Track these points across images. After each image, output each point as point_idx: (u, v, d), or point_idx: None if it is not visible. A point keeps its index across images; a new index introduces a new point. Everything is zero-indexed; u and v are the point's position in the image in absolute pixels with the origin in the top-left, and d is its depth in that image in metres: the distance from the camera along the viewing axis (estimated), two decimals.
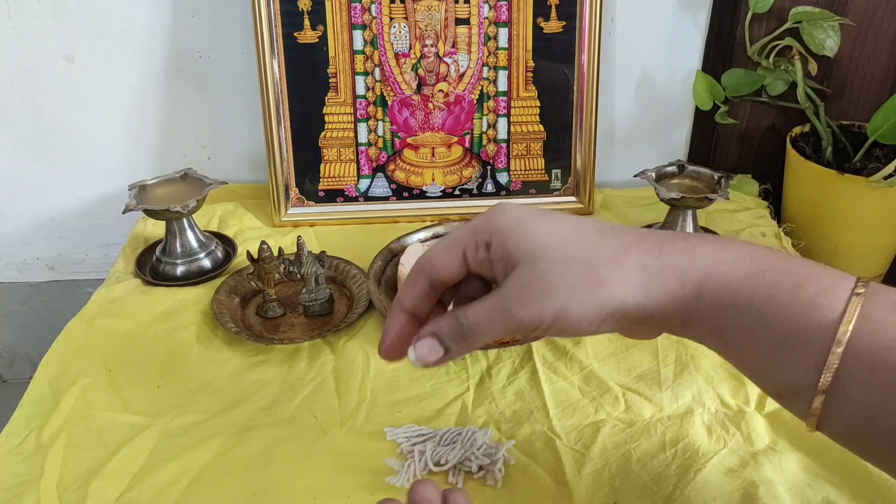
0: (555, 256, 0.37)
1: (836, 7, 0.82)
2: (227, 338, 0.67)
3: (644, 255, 0.37)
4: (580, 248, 0.37)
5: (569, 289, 0.36)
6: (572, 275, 0.37)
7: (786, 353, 0.35)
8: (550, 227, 0.39)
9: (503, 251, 0.38)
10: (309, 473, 0.53)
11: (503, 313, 0.38)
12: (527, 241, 0.38)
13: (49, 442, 0.56)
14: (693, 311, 0.37)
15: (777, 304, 0.35)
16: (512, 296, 0.37)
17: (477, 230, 0.40)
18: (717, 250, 0.37)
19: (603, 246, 0.37)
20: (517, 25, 0.82)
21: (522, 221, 0.39)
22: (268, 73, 0.80)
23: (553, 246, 0.37)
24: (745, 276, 0.36)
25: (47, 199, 0.95)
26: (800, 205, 0.84)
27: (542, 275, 0.37)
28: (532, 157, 0.87)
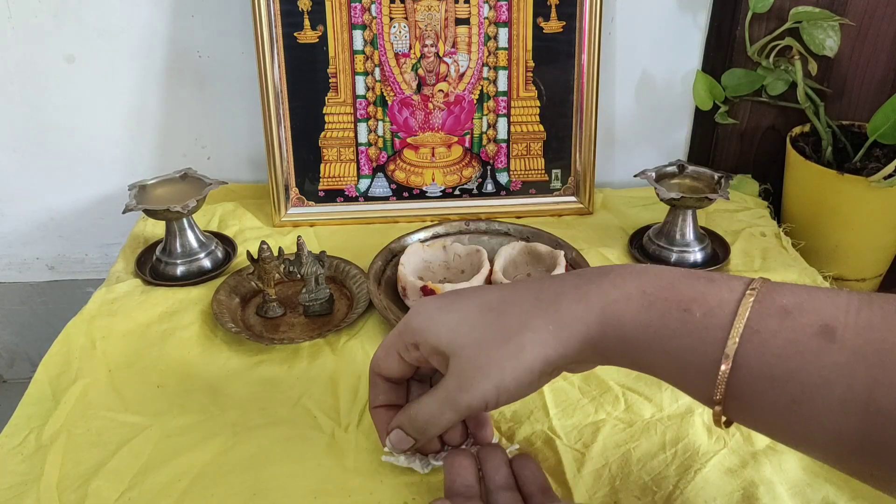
0: (472, 340, 0.42)
1: (836, 7, 0.82)
2: (227, 338, 0.67)
3: (545, 314, 0.41)
4: (490, 326, 0.42)
5: (497, 365, 0.41)
6: (493, 351, 0.41)
7: (689, 374, 0.38)
8: (459, 315, 0.43)
9: (430, 348, 0.43)
10: (309, 473, 0.53)
11: (451, 403, 0.43)
12: (444, 334, 0.43)
13: (49, 442, 0.56)
14: (606, 348, 0.40)
15: (669, 333, 0.38)
16: (454, 386, 0.42)
17: (402, 334, 0.45)
18: (608, 290, 0.40)
19: (509, 318, 0.41)
20: (517, 25, 0.82)
21: (433, 317, 0.44)
22: (268, 73, 0.80)
23: (467, 332, 0.42)
24: (637, 311, 0.39)
25: (47, 198, 0.95)
26: (800, 205, 0.84)
27: (470, 360, 0.41)
28: (532, 157, 0.87)
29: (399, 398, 0.49)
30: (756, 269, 0.76)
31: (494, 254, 0.73)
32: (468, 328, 0.42)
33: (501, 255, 0.72)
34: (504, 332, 0.41)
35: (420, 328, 0.44)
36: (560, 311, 0.40)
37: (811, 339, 0.34)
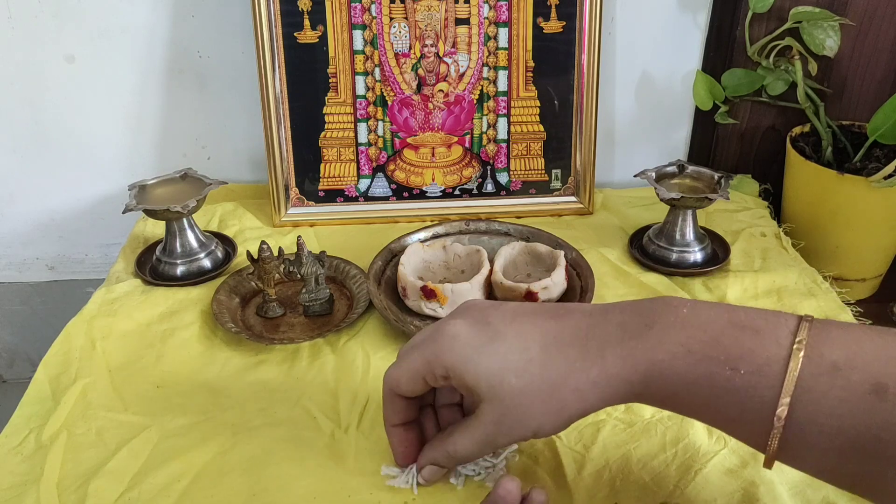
0: (514, 390, 0.42)
1: (836, 7, 0.82)
2: (227, 338, 0.67)
3: (589, 370, 0.41)
4: (535, 378, 0.42)
5: (537, 416, 0.42)
6: (536, 404, 0.42)
7: (736, 425, 0.40)
8: (500, 359, 0.43)
9: (463, 385, 0.44)
10: (309, 473, 0.53)
11: (490, 444, 0.45)
12: (484, 379, 0.43)
13: (49, 442, 0.56)
14: (649, 399, 0.42)
15: (717, 392, 0.38)
16: (493, 431, 0.44)
17: (431, 364, 0.44)
18: (654, 347, 0.40)
19: (552, 371, 0.42)
20: (517, 25, 0.82)
21: (472, 358, 0.43)
22: (268, 73, 0.80)
23: (510, 381, 0.42)
24: (683, 370, 0.39)
25: (47, 198, 0.95)
26: (800, 205, 0.84)
27: (511, 410, 0.42)
28: (532, 157, 0.87)
29: (414, 413, 0.50)
30: (756, 269, 0.76)
31: (494, 254, 0.73)
32: (510, 378, 0.42)
33: (501, 255, 0.72)
34: (547, 387, 0.42)
35: (455, 367, 0.43)
36: (605, 369, 0.41)
37: (863, 398, 0.35)
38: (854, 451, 0.36)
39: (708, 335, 0.39)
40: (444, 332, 0.44)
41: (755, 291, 0.73)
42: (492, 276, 0.70)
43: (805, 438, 0.37)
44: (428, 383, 0.46)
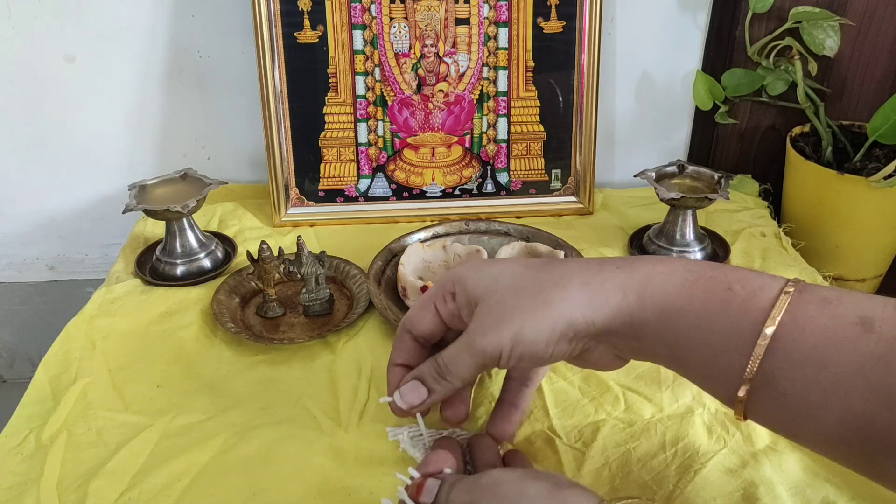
0: (507, 287, 0.42)
1: (836, 7, 0.82)
2: (227, 338, 0.67)
3: (584, 274, 0.41)
4: (529, 278, 0.42)
5: (520, 313, 0.41)
6: (523, 300, 0.41)
7: (726, 356, 0.38)
8: (502, 266, 0.44)
9: (465, 296, 0.44)
10: (309, 473, 0.53)
11: (469, 346, 0.42)
12: (483, 280, 0.43)
13: (49, 442, 0.56)
14: (640, 322, 0.39)
15: (714, 309, 0.38)
16: (474, 329, 0.42)
17: (443, 283, 0.45)
18: (654, 263, 0.40)
19: (549, 273, 0.42)
20: (517, 25, 0.82)
21: (478, 266, 0.44)
22: (268, 73, 0.80)
23: (505, 280, 0.42)
24: (681, 284, 0.39)
25: (47, 198, 0.95)
26: (800, 205, 0.84)
27: (497, 304, 0.42)
28: (532, 157, 0.87)
29: (419, 358, 0.48)
30: (756, 269, 0.76)
31: (494, 254, 0.73)
32: (505, 278, 0.42)
33: (501, 255, 0.72)
34: (537, 286, 0.41)
35: (461, 276, 0.44)
36: (601, 276, 0.40)
37: (849, 328, 0.35)
38: (837, 388, 0.35)
39: (708, 265, 0.40)
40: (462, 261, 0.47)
41: None
42: None
43: (788, 371, 0.36)
44: (438, 313, 0.46)
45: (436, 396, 0.46)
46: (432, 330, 0.47)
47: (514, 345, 0.41)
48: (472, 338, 0.42)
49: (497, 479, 0.39)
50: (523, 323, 0.40)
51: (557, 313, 0.40)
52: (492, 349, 0.41)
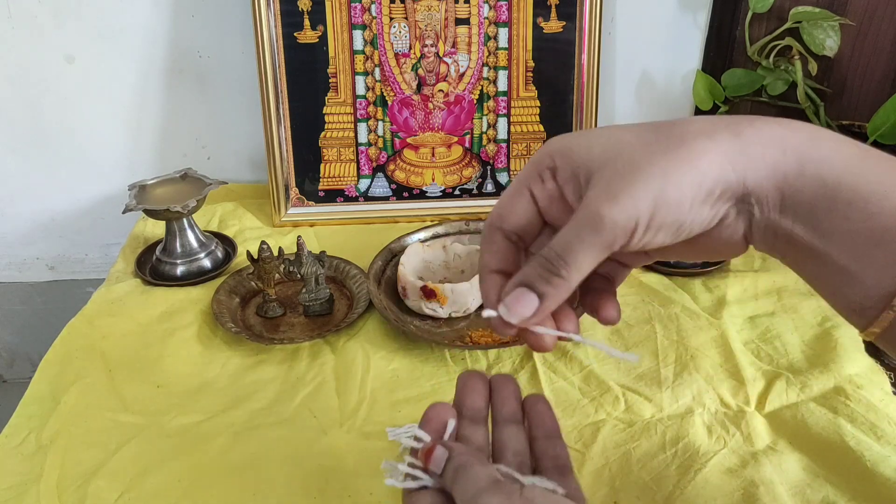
0: (633, 144, 0.32)
1: (836, 7, 0.82)
2: (227, 338, 0.67)
3: (736, 125, 0.32)
4: (661, 132, 0.33)
5: (660, 168, 0.31)
6: (658, 155, 0.32)
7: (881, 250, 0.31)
8: (618, 127, 0.34)
9: (572, 169, 0.34)
10: (309, 473, 0.53)
11: (593, 221, 0.32)
12: (597, 144, 0.34)
13: (49, 442, 0.56)
14: (793, 189, 0.32)
15: (882, 192, 0.31)
16: (597, 198, 0.32)
17: (537, 160, 0.36)
18: (817, 129, 0.33)
19: (686, 125, 0.33)
20: (517, 25, 0.82)
21: (584, 134, 0.35)
22: (268, 73, 0.80)
23: (628, 138, 0.33)
24: (850, 156, 0.32)
25: (47, 198, 0.95)
26: None
27: (625, 164, 0.32)
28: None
29: (515, 260, 0.38)
30: (756, 268, 0.76)
31: None
32: (628, 136, 0.33)
33: None
34: (675, 137, 0.32)
35: (564, 146, 0.35)
36: (755, 126, 0.32)
37: None
38: None
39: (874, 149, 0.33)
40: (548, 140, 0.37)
41: (755, 291, 0.73)
42: None
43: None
44: (533, 199, 0.36)
45: (550, 302, 0.34)
46: (528, 221, 0.36)
47: (654, 210, 0.31)
48: (597, 207, 0.32)
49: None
50: (666, 179, 0.31)
51: (706, 165, 0.31)
52: (625, 219, 0.31)
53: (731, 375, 0.61)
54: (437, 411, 0.40)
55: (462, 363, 0.63)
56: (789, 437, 0.55)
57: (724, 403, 0.59)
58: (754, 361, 0.63)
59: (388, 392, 0.61)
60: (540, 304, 0.34)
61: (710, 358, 0.63)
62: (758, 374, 0.61)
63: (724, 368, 0.62)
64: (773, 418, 0.57)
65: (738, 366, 0.62)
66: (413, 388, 0.61)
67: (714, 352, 0.64)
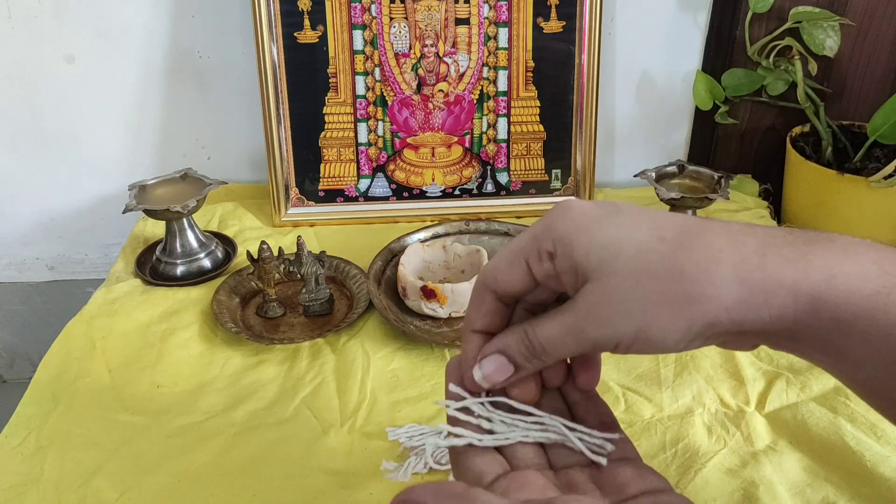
0: (629, 268, 0.32)
1: (836, 7, 0.82)
2: (227, 338, 0.67)
3: (741, 266, 0.31)
4: (660, 259, 0.31)
5: (648, 307, 0.31)
6: (651, 291, 0.31)
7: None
8: (622, 231, 0.33)
9: (570, 263, 0.33)
10: (309, 473, 0.53)
11: (577, 333, 0.33)
12: (596, 251, 0.33)
13: (49, 442, 0.56)
14: (805, 328, 0.31)
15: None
16: (585, 315, 0.33)
17: (538, 238, 0.35)
18: (838, 259, 0.31)
19: (688, 254, 0.31)
20: (517, 25, 0.82)
21: (589, 227, 0.33)
22: (268, 74, 0.80)
23: (628, 255, 0.32)
24: (872, 293, 0.30)
25: (47, 198, 0.95)
26: (800, 205, 0.84)
27: (616, 291, 0.32)
28: (532, 157, 0.87)
29: (501, 323, 0.38)
30: None
31: (494, 254, 0.73)
32: (629, 253, 0.32)
33: None
34: (673, 273, 0.31)
35: (566, 236, 0.34)
36: (764, 271, 0.30)
37: None
38: None
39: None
40: (560, 205, 0.35)
41: None
42: None
43: None
44: (529, 270, 0.35)
45: (522, 374, 0.36)
46: (521, 289, 0.36)
47: (634, 340, 0.32)
48: (583, 326, 0.33)
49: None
50: (651, 321, 0.31)
51: (697, 312, 0.31)
52: (606, 341, 0.33)
53: (731, 375, 0.61)
54: (458, 364, 0.38)
55: None
56: (789, 437, 0.55)
57: (724, 403, 0.59)
58: (754, 361, 0.63)
59: (388, 392, 0.61)
60: (514, 373, 0.36)
61: (710, 358, 0.63)
62: (758, 373, 0.61)
63: (724, 368, 0.62)
64: (774, 418, 0.57)
65: (738, 366, 0.62)
66: (413, 388, 0.61)
67: (714, 352, 0.64)
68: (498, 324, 0.38)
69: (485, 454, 0.35)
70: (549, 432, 0.36)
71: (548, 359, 0.35)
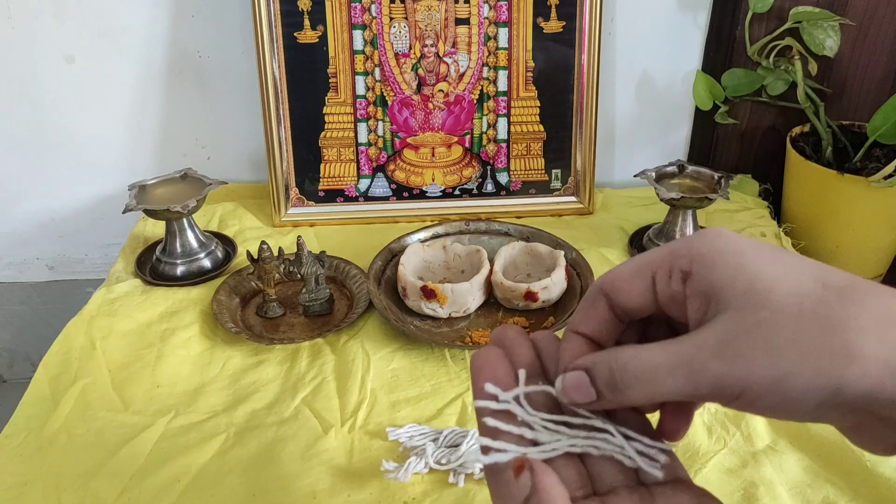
0: (785, 305, 0.27)
1: (836, 7, 0.82)
2: (227, 338, 0.67)
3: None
4: (820, 305, 0.27)
5: (798, 352, 0.26)
6: (807, 335, 0.26)
7: None
8: (779, 267, 0.28)
9: (706, 285, 0.29)
10: (309, 473, 0.53)
11: (692, 366, 0.28)
12: (743, 279, 0.28)
13: (49, 442, 0.56)
14: None
15: None
16: (711, 346, 0.27)
17: (675, 253, 0.30)
18: None
19: (854, 307, 0.27)
20: (517, 25, 0.82)
21: (740, 251, 0.29)
22: (268, 73, 0.80)
23: (782, 292, 0.27)
24: None
25: (47, 198, 0.95)
26: (800, 205, 0.84)
27: (762, 328, 0.27)
28: (532, 156, 0.87)
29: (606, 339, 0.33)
30: None
31: (494, 254, 0.73)
32: (786, 289, 0.27)
33: (501, 255, 0.72)
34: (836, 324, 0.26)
35: (710, 254, 0.29)
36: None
37: None
38: None
39: None
40: (707, 229, 0.31)
41: None
42: (492, 276, 0.70)
43: None
44: (653, 286, 0.31)
45: (603, 405, 0.31)
46: (639, 304, 0.32)
47: (767, 390, 0.27)
48: (705, 358, 0.27)
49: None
50: (797, 368, 0.26)
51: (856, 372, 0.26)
52: (731, 383, 0.27)
53: None
54: (490, 360, 0.33)
55: (462, 363, 0.63)
56: (789, 437, 0.55)
57: None
58: None
59: (388, 392, 0.61)
60: (595, 400, 0.31)
61: None
62: None
63: None
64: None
65: None
66: (413, 388, 0.61)
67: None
68: (605, 333, 0.33)
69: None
70: (597, 441, 0.31)
71: (637, 394, 0.29)
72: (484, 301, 0.71)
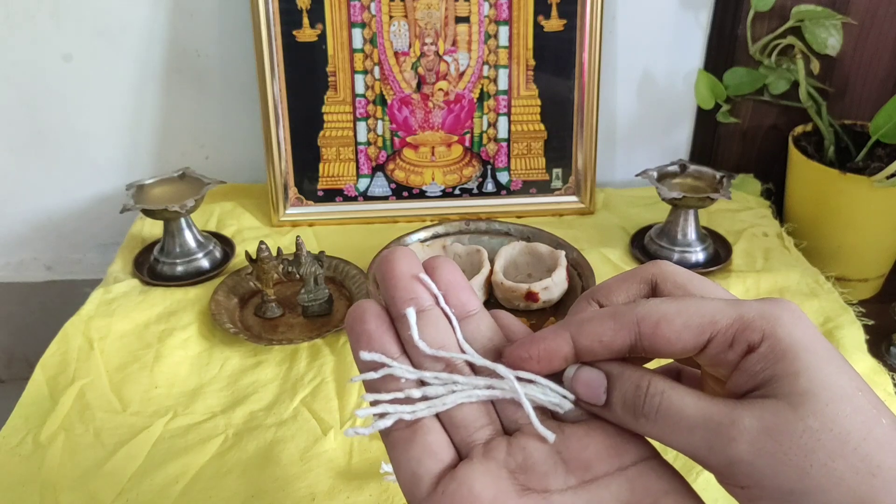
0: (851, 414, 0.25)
1: (839, 5, 0.82)
2: (226, 338, 0.67)
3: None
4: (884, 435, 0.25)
5: (834, 480, 0.25)
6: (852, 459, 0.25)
7: None
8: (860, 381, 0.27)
9: (769, 370, 0.27)
10: (308, 475, 0.53)
11: (718, 435, 0.26)
12: (820, 374, 0.26)
13: (47, 443, 0.55)
14: None
15: None
16: (746, 427, 0.26)
17: (746, 323, 0.27)
18: None
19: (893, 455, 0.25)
20: (518, 24, 0.81)
21: (814, 349, 0.27)
22: (267, 72, 0.79)
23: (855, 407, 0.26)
24: None
25: (45, 198, 0.94)
26: (802, 204, 0.84)
27: (812, 435, 0.25)
28: (533, 156, 0.86)
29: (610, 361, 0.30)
30: (758, 269, 0.76)
31: (495, 254, 0.73)
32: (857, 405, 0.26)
33: (502, 256, 0.72)
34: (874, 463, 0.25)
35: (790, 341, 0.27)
36: None
37: None
38: None
39: None
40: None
41: (757, 292, 0.73)
42: (492, 276, 0.69)
43: None
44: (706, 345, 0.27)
45: (607, 416, 0.29)
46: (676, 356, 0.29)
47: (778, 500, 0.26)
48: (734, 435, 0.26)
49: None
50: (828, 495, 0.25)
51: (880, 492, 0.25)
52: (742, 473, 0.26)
53: None
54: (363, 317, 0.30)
55: None
56: None
57: None
58: None
59: None
60: (602, 406, 0.29)
61: None
62: None
63: None
64: None
65: None
66: None
67: None
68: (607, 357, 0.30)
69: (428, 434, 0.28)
70: (496, 389, 0.29)
71: (642, 424, 0.28)
72: (484, 301, 0.70)
